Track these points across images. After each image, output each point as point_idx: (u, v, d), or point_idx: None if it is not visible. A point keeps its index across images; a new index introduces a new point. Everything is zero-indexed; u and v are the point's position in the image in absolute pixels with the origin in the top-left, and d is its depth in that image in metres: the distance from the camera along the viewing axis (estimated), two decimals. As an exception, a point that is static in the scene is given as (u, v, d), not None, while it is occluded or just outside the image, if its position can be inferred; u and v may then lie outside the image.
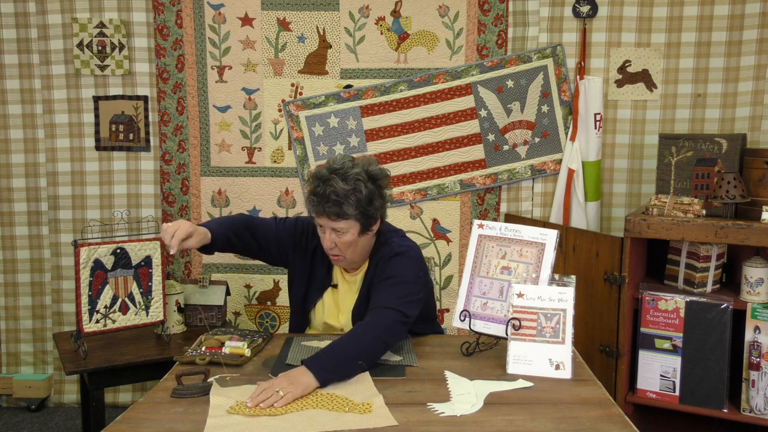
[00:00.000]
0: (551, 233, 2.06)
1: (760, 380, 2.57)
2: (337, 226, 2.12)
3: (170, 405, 1.74)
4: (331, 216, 2.10)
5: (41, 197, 3.69)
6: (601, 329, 2.95)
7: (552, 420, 1.63)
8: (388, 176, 2.24)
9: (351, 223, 2.12)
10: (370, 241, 2.24)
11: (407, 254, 2.22)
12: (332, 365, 1.87)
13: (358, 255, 2.21)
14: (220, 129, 3.61)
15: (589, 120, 3.41)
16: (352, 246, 2.16)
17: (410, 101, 3.53)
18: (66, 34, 3.56)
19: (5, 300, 3.76)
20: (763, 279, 2.64)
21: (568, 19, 3.45)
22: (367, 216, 2.14)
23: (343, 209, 2.09)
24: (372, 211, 2.15)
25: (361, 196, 2.10)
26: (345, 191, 2.08)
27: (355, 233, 2.14)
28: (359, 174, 2.13)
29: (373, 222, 2.18)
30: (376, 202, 2.16)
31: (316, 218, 2.16)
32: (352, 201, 2.09)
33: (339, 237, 2.14)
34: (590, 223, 3.46)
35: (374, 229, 2.21)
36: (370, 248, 2.26)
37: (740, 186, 2.65)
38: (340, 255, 2.19)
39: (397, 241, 2.27)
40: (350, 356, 1.90)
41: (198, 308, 3.08)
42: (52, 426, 3.56)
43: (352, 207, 2.10)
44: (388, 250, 2.22)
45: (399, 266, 2.17)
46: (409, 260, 2.21)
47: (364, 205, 2.12)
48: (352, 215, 2.11)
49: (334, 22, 3.52)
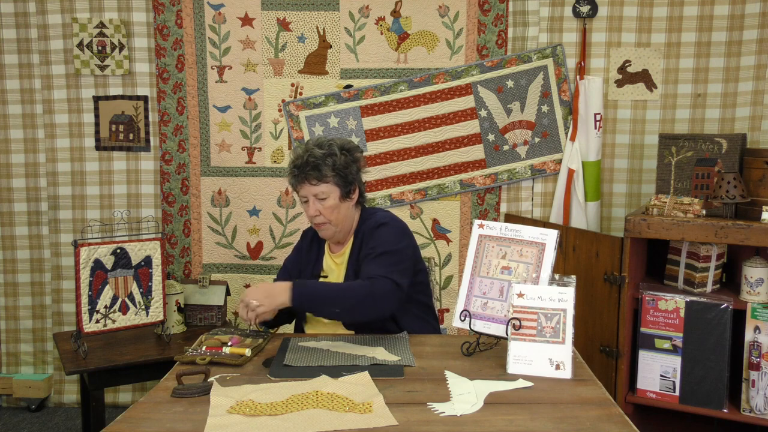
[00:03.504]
0: (551, 233, 2.06)
1: (760, 380, 2.57)
2: (318, 190, 2.26)
3: (170, 405, 1.74)
4: (311, 180, 2.26)
5: (41, 197, 3.69)
6: (601, 329, 2.95)
7: (552, 420, 1.63)
8: (360, 149, 2.40)
9: (331, 188, 2.27)
10: (353, 211, 2.37)
11: (390, 224, 2.33)
12: (313, 295, 2.10)
13: (341, 221, 2.33)
14: (220, 129, 3.61)
15: (589, 120, 3.41)
16: (335, 211, 2.29)
17: (410, 101, 3.53)
18: (66, 34, 3.56)
19: (5, 300, 3.76)
20: (763, 279, 2.64)
21: (568, 19, 3.45)
22: (346, 180, 2.30)
23: (322, 171, 2.25)
24: (349, 175, 2.31)
25: (337, 159, 2.27)
26: (322, 154, 2.26)
27: (336, 197, 2.29)
28: (332, 141, 2.32)
29: (352, 189, 2.33)
30: (352, 167, 2.32)
31: (299, 190, 2.31)
32: (329, 163, 2.26)
33: (322, 203, 2.28)
34: (590, 223, 3.46)
35: (354, 197, 2.35)
36: (353, 220, 2.39)
37: (740, 186, 2.65)
38: (325, 222, 2.30)
39: (381, 214, 2.40)
40: (334, 298, 2.11)
41: (198, 308, 3.08)
42: (52, 426, 3.56)
43: (330, 168, 2.26)
44: (371, 222, 2.35)
45: (384, 236, 2.28)
46: (393, 229, 2.32)
47: (341, 168, 2.28)
48: (330, 177, 2.26)
49: (334, 22, 3.52)
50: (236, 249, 3.67)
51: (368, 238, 2.30)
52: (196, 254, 3.68)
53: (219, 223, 3.67)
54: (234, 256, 3.67)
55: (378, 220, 2.34)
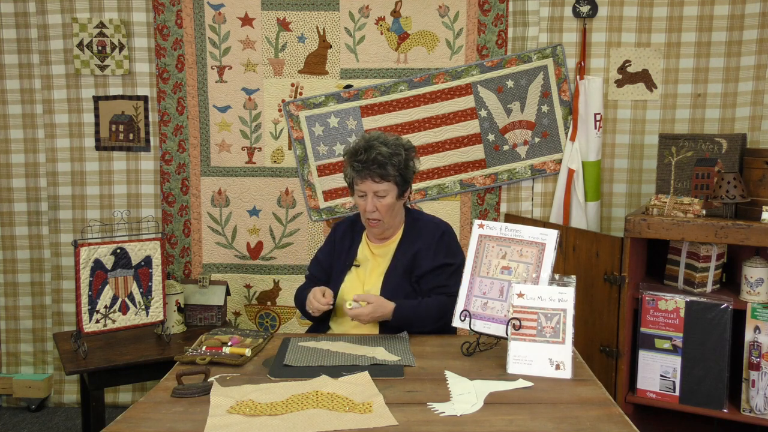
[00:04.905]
0: (551, 233, 2.06)
1: (760, 380, 2.57)
2: (380, 188, 2.33)
3: (170, 405, 1.74)
4: (375, 178, 2.32)
5: (41, 197, 3.69)
6: (601, 329, 2.95)
7: (552, 420, 1.63)
8: (415, 149, 2.48)
9: (391, 186, 2.34)
10: (401, 209, 2.47)
11: (450, 232, 2.47)
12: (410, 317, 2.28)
13: (393, 219, 2.41)
14: (220, 129, 3.61)
15: (589, 120, 3.41)
16: (390, 210, 2.36)
17: (410, 101, 3.53)
18: (66, 34, 3.56)
19: (5, 300, 3.76)
20: (763, 279, 2.64)
21: (568, 19, 3.45)
22: (405, 179, 2.38)
23: (387, 170, 2.31)
24: (408, 175, 2.39)
25: (401, 159, 2.34)
26: (388, 153, 2.32)
27: (393, 196, 2.36)
28: (398, 140, 2.39)
29: (407, 188, 2.41)
30: (411, 167, 2.41)
31: (359, 184, 2.36)
32: (395, 162, 2.32)
33: (380, 201, 2.34)
34: (590, 223, 3.46)
35: (406, 196, 2.44)
36: (402, 217, 2.48)
37: (740, 186, 2.65)
38: (379, 219, 2.38)
39: (428, 216, 2.54)
40: (424, 319, 2.29)
41: (198, 308, 3.08)
42: (52, 426, 3.56)
43: (394, 168, 2.32)
44: (428, 225, 2.45)
45: (454, 248, 2.43)
46: (454, 238, 2.48)
47: (403, 168, 2.35)
48: (393, 177, 2.33)
49: (334, 22, 3.52)
50: (236, 249, 3.67)
51: (439, 242, 2.39)
52: (196, 254, 3.68)
53: (219, 223, 3.66)
54: (234, 256, 3.67)
55: (438, 225, 2.45)
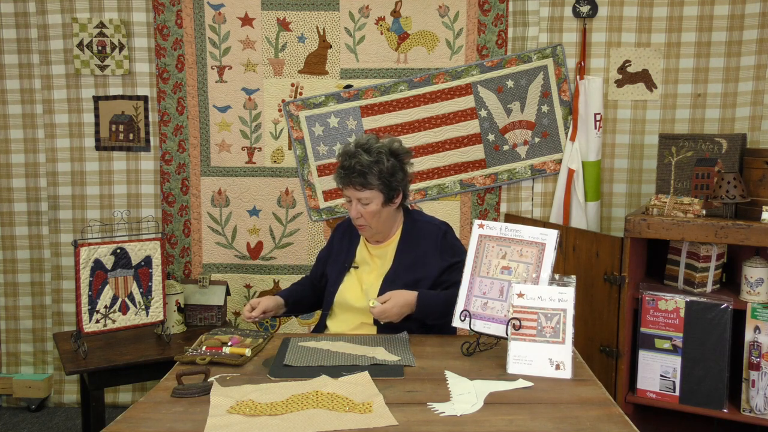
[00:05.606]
0: (551, 233, 2.06)
1: (760, 380, 2.57)
2: (362, 195, 2.33)
3: (170, 405, 1.74)
4: (356, 186, 2.32)
5: (41, 197, 3.69)
6: (601, 329, 2.95)
7: (552, 420, 1.63)
8: (410, 153, 2.45)
9: (375, 194, 2.33)
10: (395, 213, 2.45)
11: (451, 231, 2.48)
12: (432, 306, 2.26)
13: (382, 225, 2.41)
14: (220, 129, 3.61)
15: (589, 120, 3.41)
16: (376, 216, 2.36)
17: (410, 101, 3.53)
18: (66, 34, 3.56)
19: (5, 300, 3.76)
20: (763, 279, 2.64)
21: (568, 19, 3.45)
22: (390, 187, 2.35)
23: (368, 179, 2.31)
24: (394, 183, 2.36)
25: (384, 167, 2.32)
26: (369, 162, 2.31)
27: (378, 203, 2.35)
28: (382, 147, 2.36)
29: (395, 194, 2.39)
30: (398, 175, 2.37)
31: (344, 190, 2.39)
32: (375, 171, 2.31)
33: (364, 207, 2.34)
34: (590, 223, 3.46)
35: (397, 201, 2.41)
36: (395, 220, 2.46)
37: (740, 186, 2.65)
38: (365, 224, 2.39)
39: (427, 216, 2.54)
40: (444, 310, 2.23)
41: (198, 308, 3.08)
42: (52, 426, 3.56)
43: (375, 177, 2.31)
44: (427, 226, 2.45)
45: (459, 246, 2.44)
46: (456, 237, 2.49)
47: (387, 176, 2.33)
48: (375, 185, 2.32)
49: (334, 22, 3.52)
50: (236, 249, 3.67)
51: (442, 242, 2.40)
52: (196, 254, 3.68)
53: (219, 223, 3.67)
54: (234, 256, 3.67)
55: (438, 226, 2.45)
